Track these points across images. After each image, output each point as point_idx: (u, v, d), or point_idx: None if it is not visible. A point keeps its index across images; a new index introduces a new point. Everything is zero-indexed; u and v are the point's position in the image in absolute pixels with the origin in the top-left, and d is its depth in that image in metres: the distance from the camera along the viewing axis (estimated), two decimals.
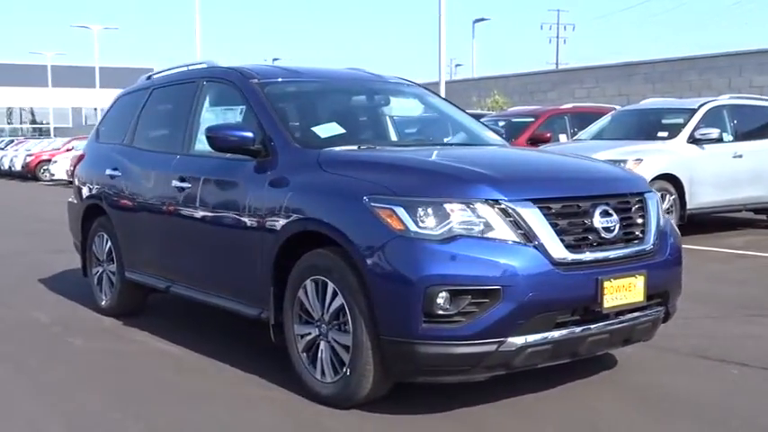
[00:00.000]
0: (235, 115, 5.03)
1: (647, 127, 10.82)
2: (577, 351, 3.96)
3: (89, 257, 6.51)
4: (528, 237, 3.70)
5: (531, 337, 3.70)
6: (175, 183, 5.18)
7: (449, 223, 3.68)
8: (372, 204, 3.79)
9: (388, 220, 3.73)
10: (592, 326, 3.89)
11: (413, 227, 3.68)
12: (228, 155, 4.77)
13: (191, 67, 5.80)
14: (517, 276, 3.62)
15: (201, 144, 5.28)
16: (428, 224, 3.69)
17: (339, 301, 3.95)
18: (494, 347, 3.64)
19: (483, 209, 3.70)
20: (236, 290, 4.70)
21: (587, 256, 3.83)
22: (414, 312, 3.62)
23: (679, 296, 4.37)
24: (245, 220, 4.55)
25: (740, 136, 10.74)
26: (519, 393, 4.15)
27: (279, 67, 5.42)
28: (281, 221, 4.28)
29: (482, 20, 38.87)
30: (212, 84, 5.38)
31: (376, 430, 3.79)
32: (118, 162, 6.07)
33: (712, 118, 10.51)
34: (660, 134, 10.28)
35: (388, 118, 5.45)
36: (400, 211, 3.72)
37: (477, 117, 6.09)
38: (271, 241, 4.35)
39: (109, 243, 6.16)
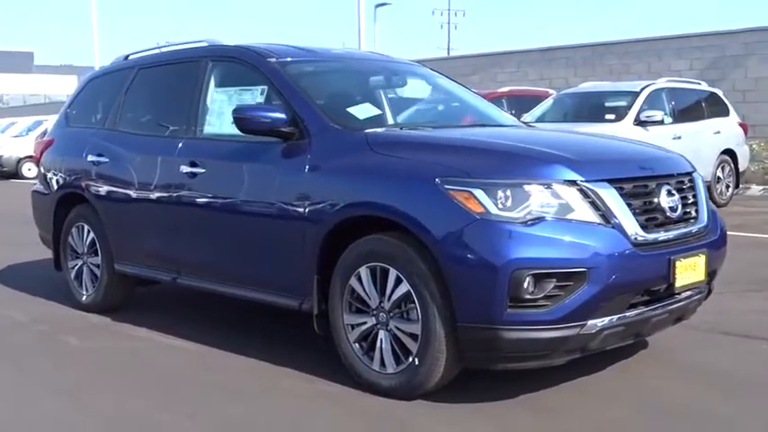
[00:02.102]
0: (254, 96, 4.77)
1: (591, 110, 11.02)
2: (642, 331, 3.96)
3: (63, 251, 6.08)
4: (606, 218, 3.65)
5: (608, 319, 3.66)
6: (185, 168, 4.88)
7: (529, 205, 3.58)
8: (446, 187, 3.65)
9: (466, 203, 3.60)
10: (659, 306, 3.88)
11: (494, 209, 3.57)
12: (251, 138, 4.52)
13: (188, 46, 5.46)
14: (602, 258, 3.56)
15: (212, 127, 5.01)
16: (509, 207, 3.58)
17: (404, 288, 3.80)
18: (576, 331, 3.58)
19: (562, 190, 3.62)
20: (270, 280, 4.46)
21: (660, 235, 3.81)
22: (498, 297, 3.51)
23: None
24: (280, 206, 4.32)
25: (678, 118, 11.09)
26: (574, 376, 4.10)
27: (288, 45, 5.17)
28: (328, 207, 4.08)
29: (383, 4, 38.79)
30: (220, 63, 5.09)
31: (453, 419, 3.67)
32: (102, 148, 5.68)
33: (653, 100, 10.81)
34: (608, 116, 10.48)
35: (407, 99, 5.29)
36: (479, 194, 3.59)
37: None
38: (315, 228, 4.14)
39: (91, 234, 5.76)
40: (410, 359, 3.81)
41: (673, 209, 3.93)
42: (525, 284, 3.49)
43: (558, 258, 3.53)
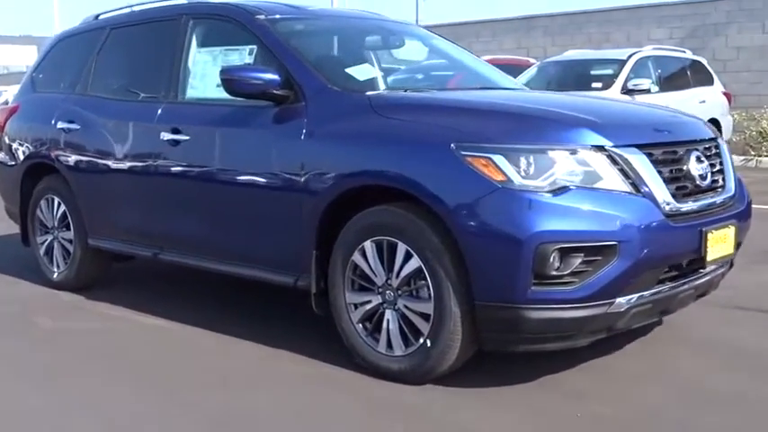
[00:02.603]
0: (241, 57, 4.38)
1: (577, 78, 10.73)
2: (669, 308, 3.69)
3: (31, 225, 5.67)
4: (636, 186, 3.35)
5: (637, 296, 3.38)
6: (166, 135, 4.49)
7: (553, 173, 3.27)
8: (463, 153, 3.33)
9: (485, 170, 3.28)
10: (685, 281, 3.61)
11: (516, 178, 3.25)
12: (240, 101, 4.15)
13: (165, 4, 5.05)
14: (633, 230, 3.27)
15: (196, 90, 4.63)
16: (532, 174, 3.27)
17: (414, 264, 3.48)
18: (604, 309, 3.29)
19: (590, 156, 3.31)
20: (263, 256, 4.12)
21: (691, 205, 3.53)
22: (522, 274, 3.20)
23: None
24: (274, 176, 3.97)
25: (664, 86, 10.86)
26: (592, 356, 3.82)
27: (276, 2, 4.78)
28: (328, 177, 3.74)
29: None
30: (202, 21, 4.69)
31: (469, 406, 3.37)
32: (73, 114, 5.26)
33: (640, 69, 10.56)
34: (594, 85, 10.21)
35: (404, 61, 4.94)
36: (500, 160, 3.27)
37: None
38: (313, 200, 3.80)
39: (62, 207, 5.36)
40: (421, 341, 3.50)
41: (702, 177, 3.64)
42: (551, 260, 3.19)
43: (586, 231, 3.23)
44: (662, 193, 3.39)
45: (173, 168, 4.50)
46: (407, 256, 3.51)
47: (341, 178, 3.70)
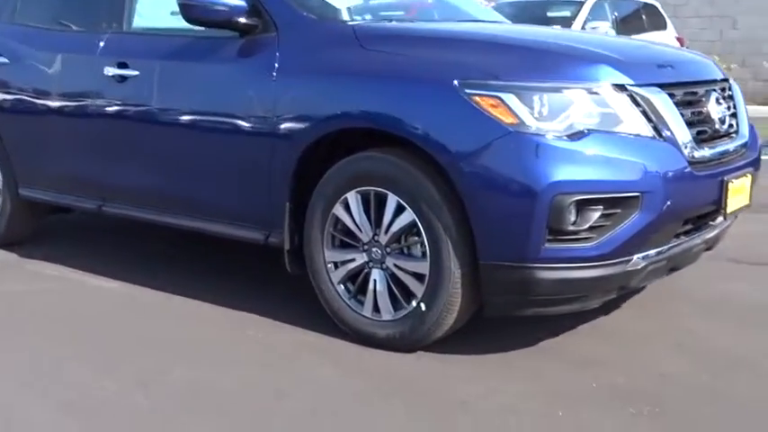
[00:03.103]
0: None
1: (533, 21, 10.28)
2: (679, 265, 3.37)
3: None
4: (659, 130, 2.98)
5: (654, 252, 3.05)
6: (110, 70, 3.95)
7: (570, 115, 2.88)
8: (468, 92, 2.91)
9: (494, 111, 2.87)
10: (697, 234, 3.30)
11: (530, 120, 2.85)
12: (199, 32, 3.65)
13: None
14: (657, 180, 2.91)
15: (145, 19, 4.09)
16: (547, 116, 2.87)
17: (407, 218, 3.07)
18: (621, 268, 2.95)
19: (610, 96, 2.93)
20: (227, 208, 3.65)
21: (711, 152, 3.19)
22: (535, 229, 2.83)
23: None
24: (241, 118, 3.49)
25: (620, 30, 10.57)
26: (591, 317, 3.50)
27: None
28: (305, 119, 3.29)
29: None
30: None
31: (471, 376, 3.01)
32: (0, 46, 4.64)
33: (597, 11, 10.25)
34: (552, 27, 9.82)
35: None
36: (511, 100, 2.86)
37: None
38: (287, 145, 3.35)
39: None
40: (413, 304, 3.11)
41: (721, 120, 3.31)
42: (568, 213, 2.81)
43: (607, 181, 2.87)
44: (685, 138, 3.04)
45: (119, 108, 3.97)
46: (399, 210, 3.10)
47: (320, 121, 3.25)
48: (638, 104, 2.96)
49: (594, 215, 2.86)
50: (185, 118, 3.71)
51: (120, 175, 4.05)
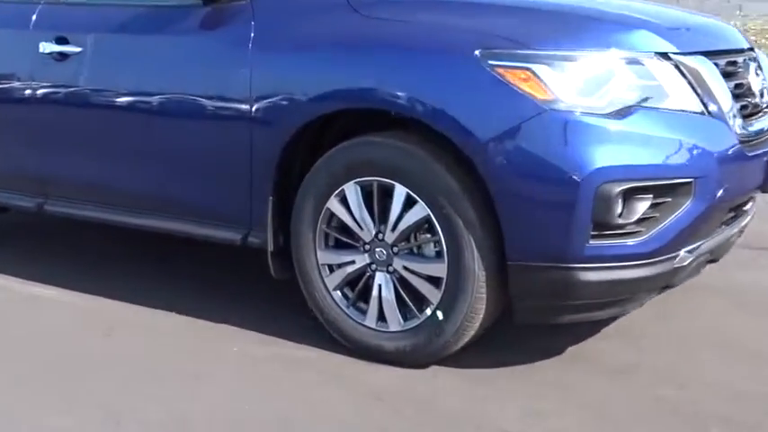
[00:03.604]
0: None
1: None
2: (717, 256, 3.01)
3: None
4: (706, 105, 2.60)
5: (699, 245, 2.68)
6: (47, 47, 3.38)
7: (611, 89, 2.48)
8: (492, 63, 2.47)
9: (524, 86, 2.44)
10: (737, 222, 2.95)
11: (567, 95, 2.44)
12: None
13: None
14: (710, 163, 2.54)
15: None
16: (585, 91, 2.46)
17: (420, 213, 2.63)
18: (669, 265, 2.58)
19: (654, 66, 2.53)
20: (196, 205, 3.14)
21: (754, 129, 2.83)
22: (578, 224, 2.42)
23: None
24: (211, 100, 3.00)
25: None
26: (613, 317, 3.11)
27: None
28: (290, 101, 2.82)
29: None
30: None
31: (500, 392, 2.60)
32: None
33: None
34: None
35: None
36: (544, 72, 2.44)
37: None
38: (269, 131, 2.87)
39: None
40: (428, 312, 2.68)
41: (761, 93, 2.95)
42: (615, 204, 2.41)
43: (657, 165, 2.48)
44: (734, 113, 2.67)
45: (59, 91, 3.41)
46: (408, 203, 2.66)
47: (308, 102, 2.78)
48: (683, 76, 2.57)
49: (643, 206, 2.47)
50: (142, 102, 3.19)
51: (65, 168, 3.49)
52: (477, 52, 2.49)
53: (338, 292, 2.86)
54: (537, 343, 2.91)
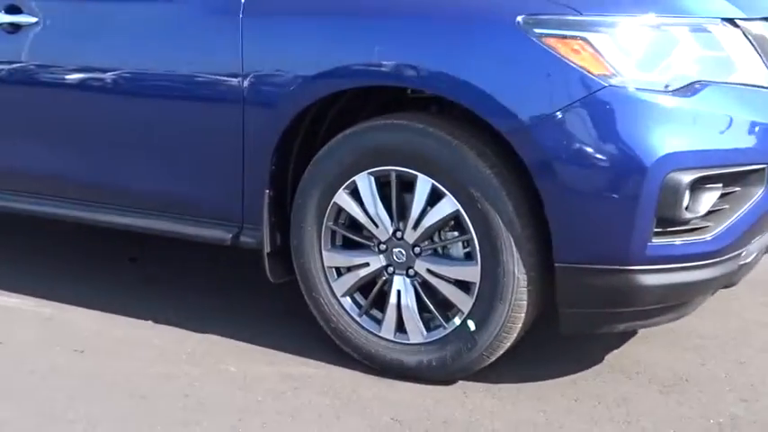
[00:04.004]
0: None
1: None
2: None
3: None
4: None
5: (761, 240, 2.36)
6: None
7: (676, 61, 2.13)
8: (538, 31, 2.10)
9: (577, 58, 2.08)
10: None
11: (627, 69, 2.08)
12: None
13: None
14: None
15: None
16: (647, 63, 2.11)
17: (447, 208, 2.27)
18: (734, 263, 2.25)
19: (721, 34, 2.19)
20: (177, 200, 2.73)
21: None
22: (641, 219, 2.08)
23: None
24: (194, 78, 2.60)
25: None
26: None
27: None
28: (292, 77, 2.42)
29: None
30: None
31: (543, 419, 2.25)
32: None
33: None
34: None
35: None
36: (600, 42, 2.08)
37: None
38: (265, 114, 2.48)
39: None
40: (457, 321, 2.32)
41: None
42: (683, 195, 2.07)
43: (729, 151, 2.15)
44: None
45: (11, 67, 2.95)
46: (434, 197, 2.28)
47: (313, 80, 2.38)
48: (751, 45, 2.23)
49: (712, 197, 2.13)
50: (110, 81, 2.75)
51: (14, 156, 3.04)
52: (519, 19, 2.11)
53: (348, 299, 2.49)
54: (563, 348, 2.58)
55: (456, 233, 2.31)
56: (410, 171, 2.30)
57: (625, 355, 2.58)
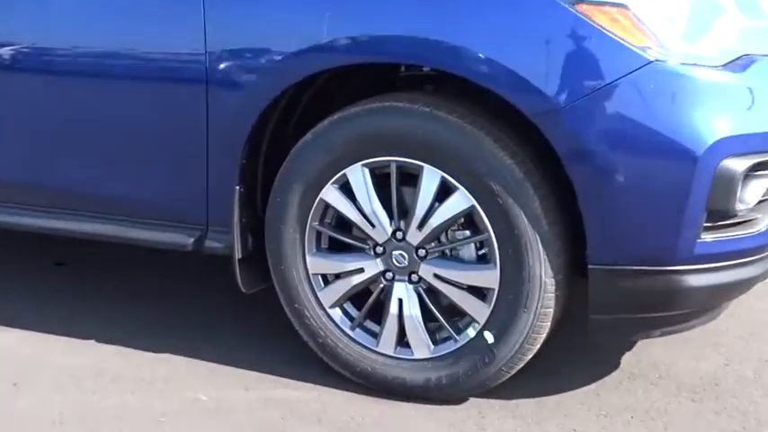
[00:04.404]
0: None
1: None
2: None
3: None
4: None
5: None
6: None
7: (720, 32, 1.88)
8: None
9: (615, 28, 1.79)
10: None
11: (672, 41, 1.81)
12: None
13: None
14: None
15: None
16: (693, 34, 1.84)
17: (461, 203, 1.96)
18: None
19: (765, 1, 1.95)
20: (133, 200, 2.33)
21: None
22: (690, 213, 1.82)
23: None
24: (149, 58, 2.22)
25: None
26: None
27: None
28: (266, 55, 2.05)
29: None
30: None
31: None
32: None
33: None
34: None
35: None
36: (642, 10, 1.81)
37: None
38: (236, 98, 2.12)
39: None
40: (471, 333, 2.03)
41: None
42: (738, 185, 1.82)
43: None
44: None
45: None
46: (443, 191, 1.97)
47: (293, 57, 2.02)
48: None
49: (763, 185, 1.89)
50: (48, 60, 2.33)
51: None
52: None
53: (337, 310, 2.16)
54: (578, 358, 2.32)
55: (467, 232, 2.01)
56: (414, 162, 1.98)
57: (640, 357, 2.34)
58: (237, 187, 2.16)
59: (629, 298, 1.90)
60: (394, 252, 2.06)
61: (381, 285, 2.10)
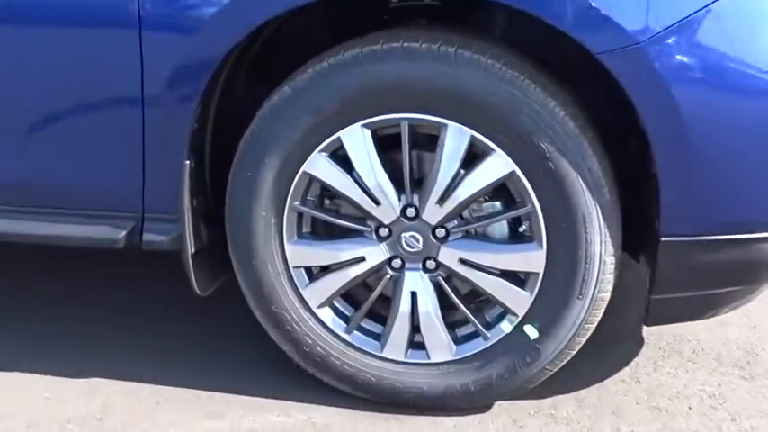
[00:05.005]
0: None
1: None
2: None
3: None
4: None
5: None
6: None
7: None
8: None
9: None
10: None
11: None
12: None
13: None
14: None
15: None
16: None
17: (498, 168, 1.54)
18: None
19: None
20: (43, 185, 1.74)
21: None
22: None
23: None
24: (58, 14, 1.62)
25: None
26: None
27: None
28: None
29: None
30: None
31: None
32: None
33: None
34: None
35: None
36: None
37: None
38: (182, 45, 1.59)
39: None
40: (506, 328, 1.64)
41: None
42: None
43: None
44: None
45: None
46: (471, 156, 1.54)
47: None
48: None
49: None
50: None
51: None
52: None
53: (327, 310, 1.71)
54: (596, 341, 1.98)
55: (496, 204, 1.61)
56: (435, 119, 1.53)
57: (660, 331, 2.03)
58: (187, 162, 1.64)
59: (707, 273, 1.57)
60: (404, 234, 1.63)
61: (388, 276, 1.66)
